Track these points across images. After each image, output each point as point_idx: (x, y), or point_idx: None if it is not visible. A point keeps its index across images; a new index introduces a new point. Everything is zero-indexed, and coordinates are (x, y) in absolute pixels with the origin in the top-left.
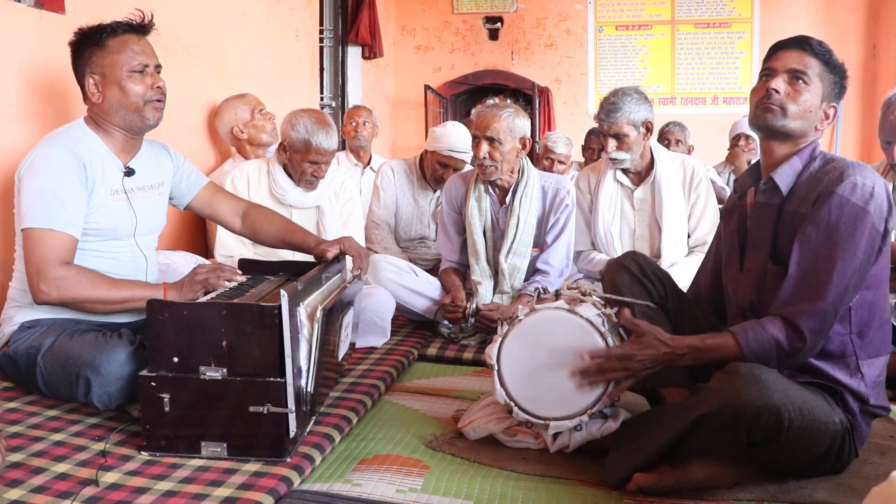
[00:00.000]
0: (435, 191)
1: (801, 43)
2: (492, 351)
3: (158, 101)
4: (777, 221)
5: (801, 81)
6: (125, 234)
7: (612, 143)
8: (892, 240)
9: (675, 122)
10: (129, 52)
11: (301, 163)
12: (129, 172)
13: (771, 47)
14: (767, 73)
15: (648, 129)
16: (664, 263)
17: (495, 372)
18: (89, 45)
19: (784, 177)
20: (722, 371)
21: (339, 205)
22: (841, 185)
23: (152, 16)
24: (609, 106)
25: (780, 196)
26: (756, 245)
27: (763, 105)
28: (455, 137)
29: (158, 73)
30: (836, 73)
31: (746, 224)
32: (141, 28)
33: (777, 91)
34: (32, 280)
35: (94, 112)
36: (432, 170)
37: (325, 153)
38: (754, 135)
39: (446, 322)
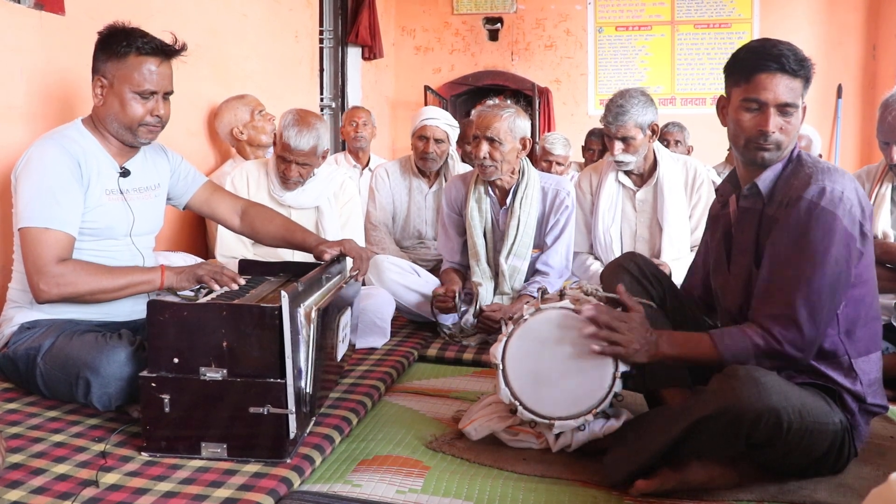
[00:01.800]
0: (430, 185)
1: (783, 66)
2: (496, 350)
3: (154, 126)
4: (759, 226)
5: (790, 111)
6: (121, 233)
7: (618, 145)
8: (889, 240)
9: (674, 123)
10: (143, 73)
11: (276, 157)
12: (125, 173)
13: (747, 63)
14: (756, 106)
15: (654, 132)
16: (665, 258)
17: (500, 371)
18: (111, 49)
19: (765, 180)
20: (721, 374)
21: (338, 206)
22: (808, 189)
23: (184, 45)
24: (616, 109)
25: (762, 200)
26: (741, 250)
27: (757, 145)
28: (430, 110)
29: (167, 99)
30: (811, 79)
31: (731, 231)
32: (167, 52)
33: (773, 132)
34: (32, 279)
35: (95, 112)
36: (414, 148)
37: (291, 150)
38: None
39: (446, 322)
